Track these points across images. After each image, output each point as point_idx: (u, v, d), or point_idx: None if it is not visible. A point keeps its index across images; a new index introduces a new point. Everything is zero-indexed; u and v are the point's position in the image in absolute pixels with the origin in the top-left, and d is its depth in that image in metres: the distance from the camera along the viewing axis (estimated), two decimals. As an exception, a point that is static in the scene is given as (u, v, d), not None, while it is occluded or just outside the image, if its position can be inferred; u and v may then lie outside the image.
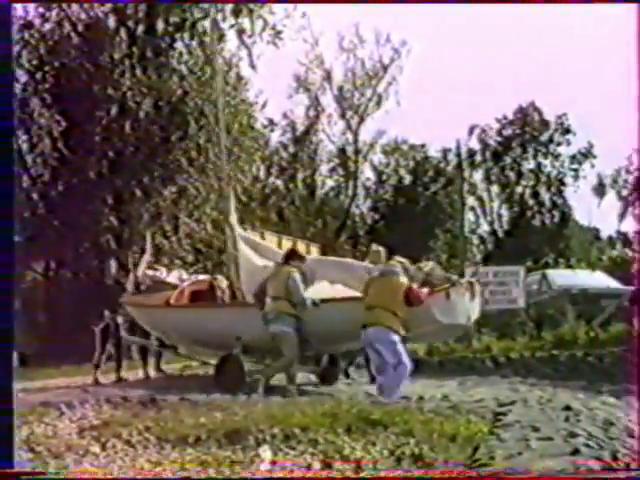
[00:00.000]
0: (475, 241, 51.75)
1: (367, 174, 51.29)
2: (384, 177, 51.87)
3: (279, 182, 48.20)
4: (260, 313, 13.29)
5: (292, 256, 13.77)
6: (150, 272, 16.87)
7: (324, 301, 13.21)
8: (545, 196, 52.53)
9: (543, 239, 48.31)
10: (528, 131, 52.79)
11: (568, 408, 9.50)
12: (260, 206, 42.77)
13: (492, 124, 53.13)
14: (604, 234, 54.20)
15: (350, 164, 48.28)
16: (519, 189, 52.74)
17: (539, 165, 53.08)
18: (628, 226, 51.21)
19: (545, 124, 53.01)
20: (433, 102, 64.74)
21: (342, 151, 48.59)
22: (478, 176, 53.38)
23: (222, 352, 14.12)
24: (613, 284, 24.19)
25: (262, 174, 44.60)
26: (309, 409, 9.15)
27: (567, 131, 52.90)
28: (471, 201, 51.84)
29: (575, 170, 52.84)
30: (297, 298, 13.09)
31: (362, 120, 47.06)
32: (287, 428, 7.99)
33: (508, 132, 53.17)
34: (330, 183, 50.84)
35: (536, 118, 52.98)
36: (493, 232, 52.45)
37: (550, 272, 25.70)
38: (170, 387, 13.14)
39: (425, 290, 12.64)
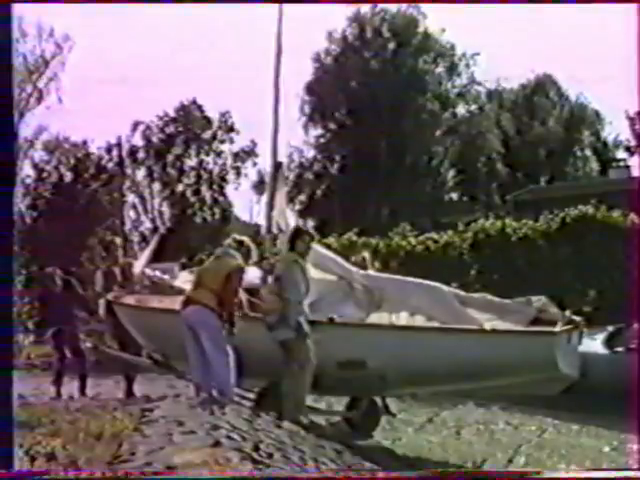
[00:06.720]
0: (136, 238, 51.47)
1: (27, 171, 49.64)
2: (44, 174, 50.32)
3: None
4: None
5: (298, 237, 11.16)
6: (149, 271, 13.59)
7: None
8: (207, 193, 53.50)
9: (205, 236, 48.89)
10: (191, 128, 53.36)
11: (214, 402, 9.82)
12: None
13: (155, 121, 53.27)
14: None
15: (10, 161, 46.54)
16: (181, 187, 53.21)
17: (201, 162, 53.79)
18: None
19: (208, 122, 53.87)
20: (96, 98, 64.01)
21: (1, 148, 46.69)
22: (141, 173, 53.13)
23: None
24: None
25: None
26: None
27: (230, 129, 54.10)
28: (132, 198, 51.79)
29: (237, 168, 54.07)
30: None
31: (22, 116, 45.61)
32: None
33: (171, 129, 53.44)
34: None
35: (198, 115, 53.72)
36: (155, 229, 51.95)
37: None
38: None
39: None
